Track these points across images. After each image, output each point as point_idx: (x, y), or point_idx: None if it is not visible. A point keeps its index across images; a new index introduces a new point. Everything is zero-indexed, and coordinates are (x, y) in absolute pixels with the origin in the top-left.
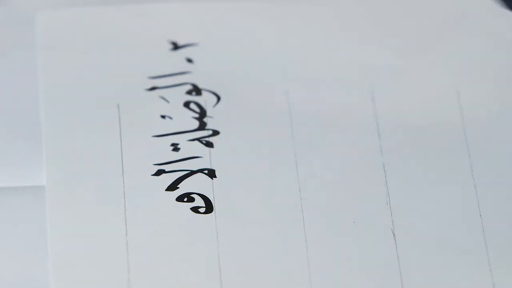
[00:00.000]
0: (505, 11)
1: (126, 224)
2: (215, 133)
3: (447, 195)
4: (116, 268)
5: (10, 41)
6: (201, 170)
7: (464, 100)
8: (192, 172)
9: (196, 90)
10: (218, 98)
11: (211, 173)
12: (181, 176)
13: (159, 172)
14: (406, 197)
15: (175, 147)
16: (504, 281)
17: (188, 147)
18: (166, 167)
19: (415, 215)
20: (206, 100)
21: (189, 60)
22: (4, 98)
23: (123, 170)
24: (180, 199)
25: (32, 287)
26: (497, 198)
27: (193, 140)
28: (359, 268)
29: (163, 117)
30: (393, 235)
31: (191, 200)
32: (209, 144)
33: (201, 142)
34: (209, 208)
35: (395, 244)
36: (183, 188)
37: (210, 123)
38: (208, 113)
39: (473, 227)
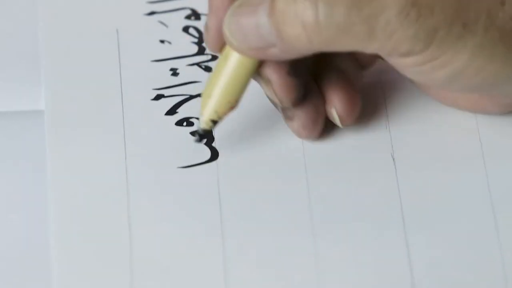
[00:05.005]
0: None
1: (125, 149)
2: (214, 58)
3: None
4: (115, 190)
5: None
6: (200, 95)
7: None
8: (191, 97)
9: (195, 14)
10: None
11: None
12: (180, 101)
13: (158, 97)
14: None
15: (174, 72)
16: None
17: (187, 72)
18: (165, 92)
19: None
20: None
21: None
22: (3, 22)
23: (122, 95)
24: (179, 123)
25: (31, 209)
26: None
27: (192, 65)
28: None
29: (162, 41)
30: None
31: (190, 124)
32: (208, 69)
33: (200, 67)
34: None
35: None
36: (182, 112)
37: None
38: None
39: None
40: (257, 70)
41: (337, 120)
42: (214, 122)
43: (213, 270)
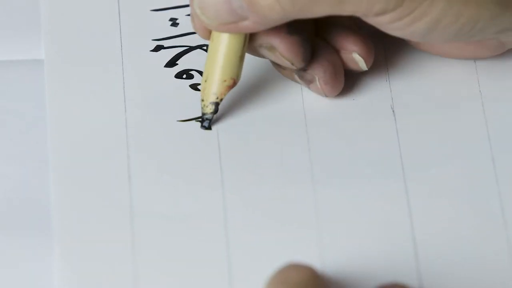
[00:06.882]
0: None
1: (125, 101)
2: None
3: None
4: (114, 142)
5: None
6: (200, 46)
7: None
8: (191, 48)
9: None
10: None
11: None
12: (180, 52)
13: (157, 48)
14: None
15: (174, 22)
16: None
17: (187, 22)
18: (165, 43)
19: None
20: None
21: None
22: None
23: (121, 45)
24: (179, 76)
25: (31, 159)
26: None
27: None
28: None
29: None
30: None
31: (190, 77)
32: None
33: None
34: None
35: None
36: (182, 64)
37: None
38: None
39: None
40: (255, 44)
41: (362, 63)
42: (216, 104)
43: (213, 225)
